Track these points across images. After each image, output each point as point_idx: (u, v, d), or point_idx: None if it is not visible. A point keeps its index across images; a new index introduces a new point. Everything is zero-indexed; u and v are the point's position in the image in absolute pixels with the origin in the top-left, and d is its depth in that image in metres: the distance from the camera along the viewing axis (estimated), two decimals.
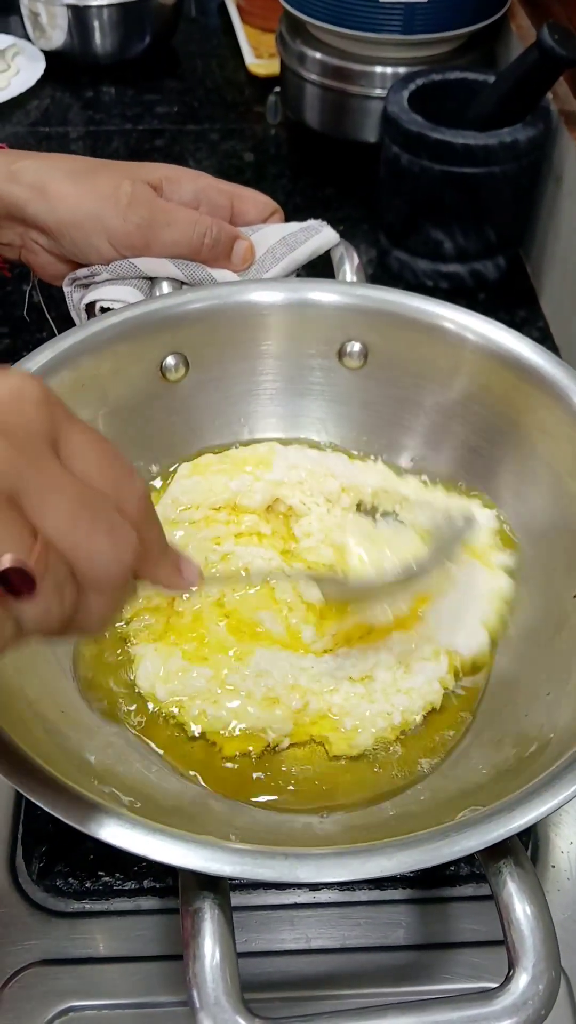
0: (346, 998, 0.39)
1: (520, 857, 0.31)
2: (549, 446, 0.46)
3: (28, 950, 0.40)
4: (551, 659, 0.41)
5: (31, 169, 0.52)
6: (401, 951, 0.40)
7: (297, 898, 0.41)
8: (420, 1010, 0.28)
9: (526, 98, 0.65)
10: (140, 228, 0.51)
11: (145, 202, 0.52)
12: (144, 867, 0.41)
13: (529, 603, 0.45)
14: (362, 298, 0.51)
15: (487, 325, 0.48)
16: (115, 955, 0.40)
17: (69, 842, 0.41)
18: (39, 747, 0.33)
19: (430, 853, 0.29)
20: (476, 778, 0.38)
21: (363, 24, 0.72)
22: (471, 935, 0.41)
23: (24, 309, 0.64)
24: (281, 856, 0.29)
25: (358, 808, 0.39)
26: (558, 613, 0.42)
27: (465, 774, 0.39)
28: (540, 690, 0.40)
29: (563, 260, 0.68)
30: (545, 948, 0.29)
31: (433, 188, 0.67)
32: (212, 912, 0.29)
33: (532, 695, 0.40)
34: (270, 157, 0.88)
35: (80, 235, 0.52)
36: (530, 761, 0.35)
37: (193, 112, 0.94)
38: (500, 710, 0.42)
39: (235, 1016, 0.28)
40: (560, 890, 0.42)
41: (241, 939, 0.40)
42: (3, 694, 0.35)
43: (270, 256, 0.55)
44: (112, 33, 0.95)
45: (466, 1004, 0.28)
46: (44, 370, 0.45)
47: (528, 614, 0.44)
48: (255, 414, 0.53)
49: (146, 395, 0.50)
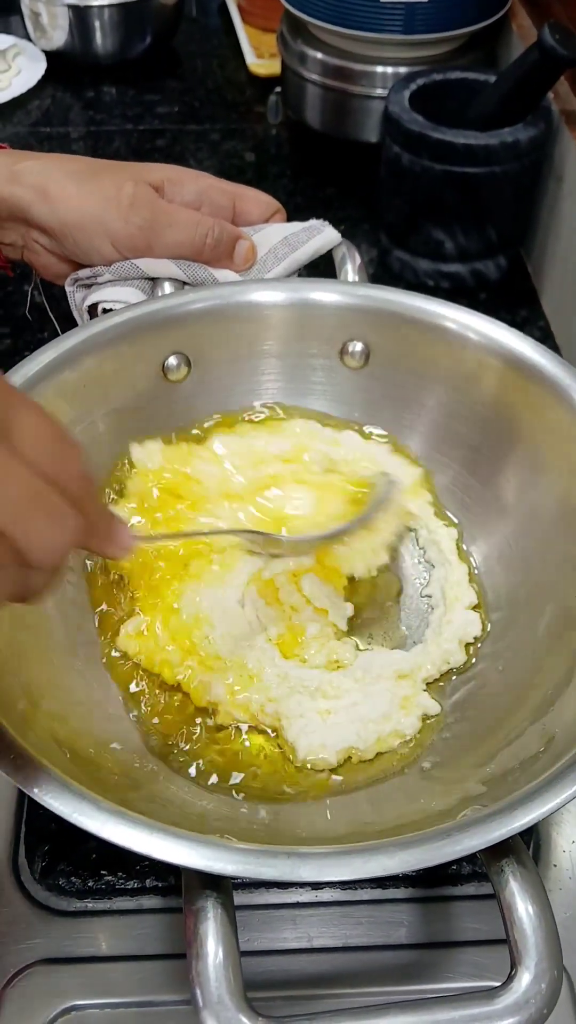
0: (348, 997, 0.39)
1: (522, 856, 0.31)
2: (551, 445, 0.46)
3: (31, 949, 0.40)
4: (556, 659, 0.41)
5: (33, 170, 0.52)
6: (403, 950, 0.40)
7: (299, 897, 0.41)
8: (422, 1009, 0.28)
9: (527, 98, 0.65)
10: (142, 230, 0.52)
11: (147, 204, 0.52)
12: (146, 866, 0.41)
13: (531, 604, 0.45)
14: (364, 298, 0.51)
15: (489, 324, 0.48)
16: (117, 954, 0.40)
17: (71, 841, 0.41)
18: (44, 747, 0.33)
19: (432, 852, 0.29)
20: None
21: (364, 24, 0.72)
22: (473, 934, 0.41)
23: (26, 308, 0.64)
24: (283, 855, 0.29)
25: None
26: (563, 612, 0.42)
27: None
28: (544, 689, 0.40)
29: (564, 260, 0.68)
30: (547, 947, 0.29)
31: (434, 188, 0.67)
32: (215, 911, 0.29)
33: (536, 694, 0.40)
34: (271, 157, 0.88)
35: (82, 236, 0.52)
36: (533, 761, 0.35)
37: (194, 112, 0.94)
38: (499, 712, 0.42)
39: (238, 1015, 0.28)
40: (562, 889, 0.42)
41: (244, 938, 0.40)
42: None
43: (272, 256, 0.55)
44: (113, 33, 0.95)
45: (468, 1003, 0.28)
46: (47, 370, 0.45)
47: (530, 615, 0.44)
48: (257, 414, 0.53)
49: (148, 395, 0.50)
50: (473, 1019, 0.28)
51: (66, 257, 0.54)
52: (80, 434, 0.47)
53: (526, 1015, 0.28)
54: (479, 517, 0.49)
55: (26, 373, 0.45)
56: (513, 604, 0.45)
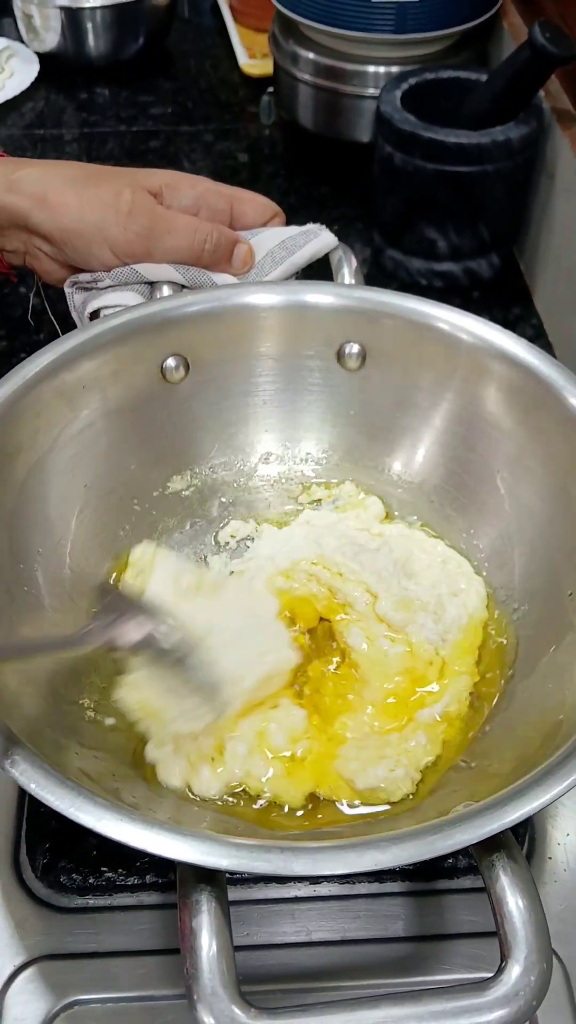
0: (347, 989, 0.39)
1: (513, 851, 0.31)
2: (545, 446, 0.46)
3: (33, 945, 0.40)
4: (555, 661, 0.41)
5: (32, 178, 0.53)
6: (401, 943, 0.41)
7: (298, 891, 0.42)
8: (414, 1001, 0.29)
9: (519, 96, 0.65)
10: (140, 237, 0.52)
11: (145, 211, 0.52)
12: (146, 862, 0.41)
13: (531, 605, 0.45)
14: (360, 300, 0.51)
15: (482, 326, 0.48)
16: (118, 949, 0.40)
17: (72, 838, 0.42)
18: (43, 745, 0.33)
19: (424, 847, 0.29)
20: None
21: (355, 24, 0.72)
22: (470, 926, 0.41)
23: (28, 314, 0.64)
24: (277, 850, 0.29)
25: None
26: (560, 615, 0.43)
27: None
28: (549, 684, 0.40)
29: (556, 257, 0.69)
30: (537, 940, 0.29)
31: (427, 187, 0.67)
32: (209, 905, 0.29)
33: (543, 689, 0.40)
34: (264, 157, 0.88)
35: (82, 244, 0.52)
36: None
37: (187, 113, 0.94)
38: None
39: (231, 1007, 0.28)
40: (557, 881, 0.43)
41: (243, 932, 0.40)
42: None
43: (269, 259, 0.55)
44: (105, 34, 0.95)
45: (459, 995, 0.29)
46: (46, 371, 0.45)
47: (531, 617, 0.45)
48: (255, 415, 0.53)
49: (147, 396, 0.50)
50: (463, 1011, 0.28)
51: (67, 263, 0.55)
52: (79, 436, 0.48)
53: (515, 1007, 0.28)
54: (473, 517, 0.50)
55: (26, 374, 0.45)
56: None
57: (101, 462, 0.49)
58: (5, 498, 0.43)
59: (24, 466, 0.45)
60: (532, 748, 0.36)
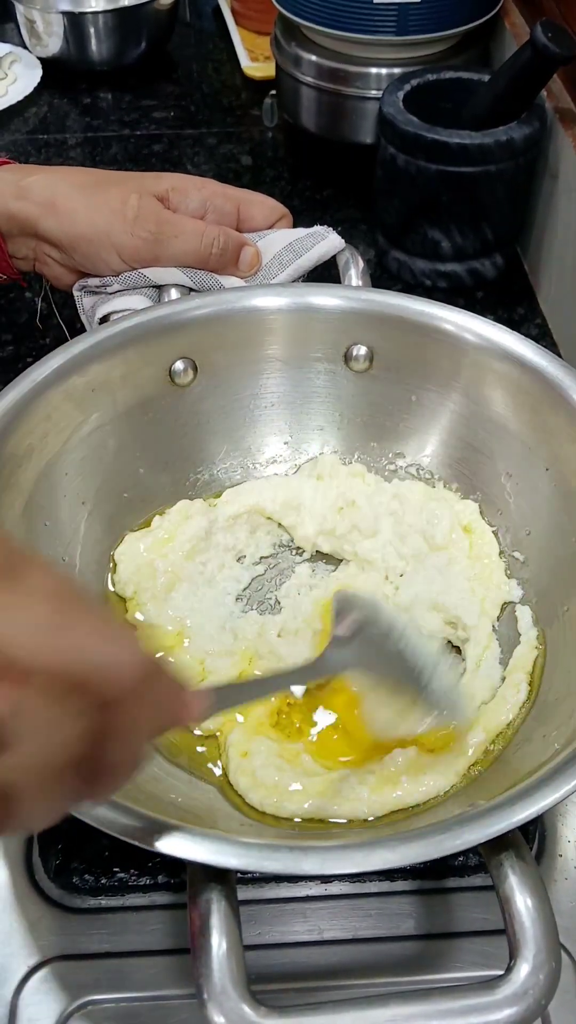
0: (358, 988, 0.39)
1: (521, 850, 0.31)
2: (551, 445, 0.46)
3: (46, 946, 0.41)
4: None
5: (40, 184, 0.53)
6: (411, 941, 0.41)
7: (309, 890, 0.42)
8: (423, 999, 0.29)
9: (521, 96, 0.66)
10: (148, 242, 0.52)
11: (152, 216, 0.52)
12: (158, 863, 0.42)
13: (532, 607, 0.46)
14: (367, 302, 0.51)
15: (488, 327, 0.48)
16: (131, 949, 0.41)
17: (85, 840, 0.42)
18: None
19: (433, 847, 0.30)
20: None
21: (357, 26, 0.72)
22: (481, 924, 0.41)
23: (36, 317, 0.65)
24: (286, 849, 0.29)
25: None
26: (562, 617, 0.43)
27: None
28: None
29: (560, 257, 0.69)
30: (546, 939, 0.29)
31: (430, 188, 0.67)
32: (219, 904, 0.30)
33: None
34: (268, 160, 0.88)
35: (90, 249, 0.53)
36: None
37: (190, 116, 0.94)
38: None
39: (241, 1005, 0.28)
40: (567, 879, 0.43)
41: (255, 932, 0.41)
42: None
43: (276, 262, 0.55)
44: (108, 39, 0.96)
45: (468, 993, 0.29)
46: (56, 375, 0.46)
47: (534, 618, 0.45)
48: (263, 417, 0.54)
49: (155, 399, 0.50)
50: (472, 1009, 0.28)
51: (76, 268, 0.55)
52: (88, 439, 0.48)
53: (524, 1005, 0.28)
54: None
55: (35, 378, 0.45)
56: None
57: (110, 465, 0.49)
58: (15, 501, 0.44)
59: (34, 469, 0.45)
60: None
